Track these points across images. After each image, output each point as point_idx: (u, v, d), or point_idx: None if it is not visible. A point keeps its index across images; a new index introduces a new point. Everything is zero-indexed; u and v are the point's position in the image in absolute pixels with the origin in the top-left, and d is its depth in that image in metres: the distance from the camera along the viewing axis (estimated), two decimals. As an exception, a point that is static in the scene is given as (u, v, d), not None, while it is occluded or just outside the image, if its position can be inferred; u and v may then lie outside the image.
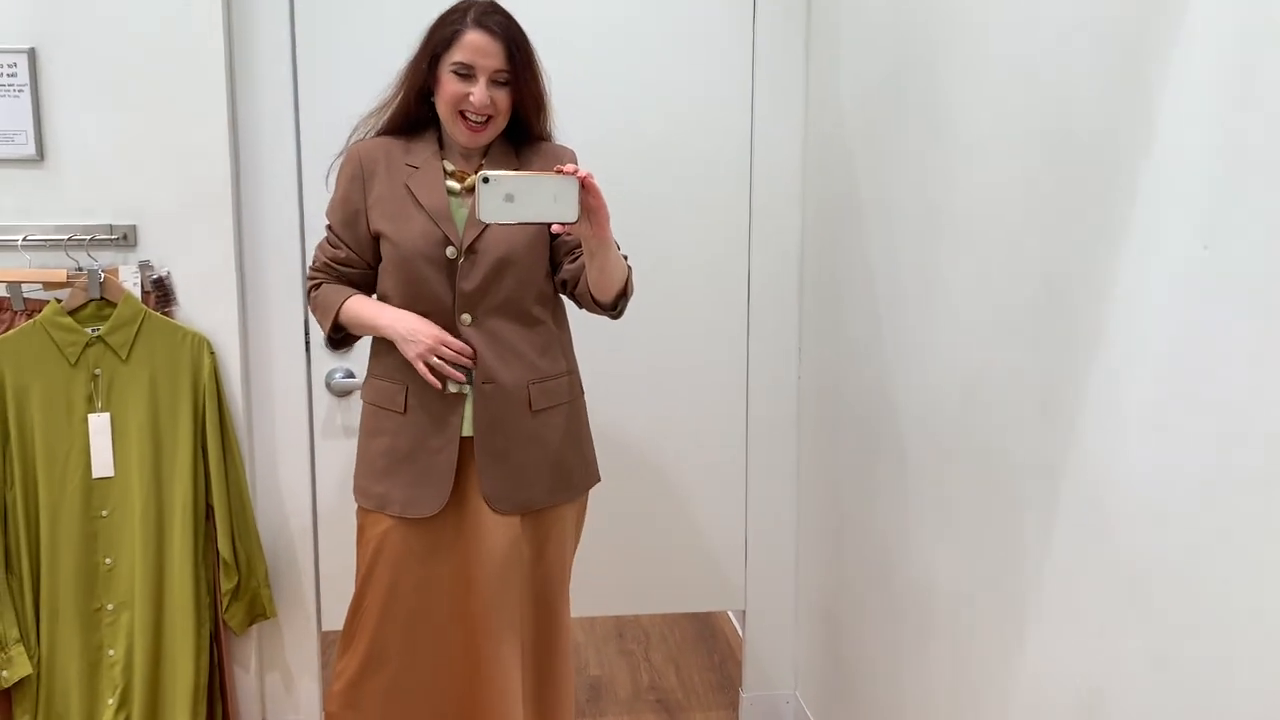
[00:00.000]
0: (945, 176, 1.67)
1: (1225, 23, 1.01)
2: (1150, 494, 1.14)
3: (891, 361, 1.91)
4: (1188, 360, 1.07)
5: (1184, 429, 1.08)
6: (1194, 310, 1.06)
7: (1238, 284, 0.99)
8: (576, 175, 1.56)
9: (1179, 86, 1.08)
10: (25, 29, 2.09)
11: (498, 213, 1.54)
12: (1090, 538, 1.27)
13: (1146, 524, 1.15)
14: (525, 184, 1.55)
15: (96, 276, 2.10)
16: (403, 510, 1.82)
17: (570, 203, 1.57)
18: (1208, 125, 1.03)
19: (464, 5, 1.78)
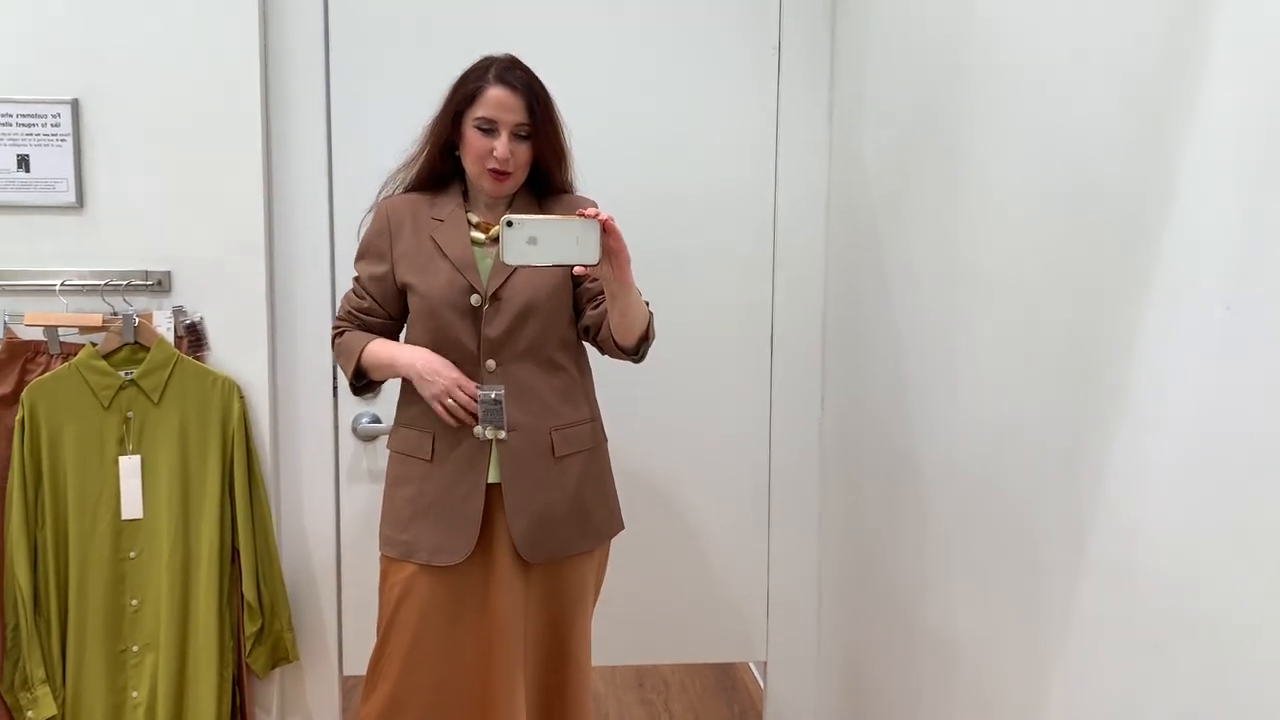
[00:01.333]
0: (967, 234, 1.68)
1: (1249, 86, 1.02)
2: (1176, 554, 1.14)
3: (915, 415, 1.92)
4: (1212, 420, 1.08)
5: (1210, 489, 1.08)
6: (1218, 370, 1.07)
7: (1260, 345, 1.00)
8: (598, 218, 1.60)
9: (1202, 148, 1.09)
10: (70, 80, 2.15)
11: (521, 255, 1.58)
12: (1115, 597, 1.26)
13: (1172, 585, 1.15)
14: (548, 227, 1.59)
15: (131, 321, 2.14)
16: (429, 558, 1.84)
17: (592, 245, 1.60)
18: (1230, 188, 1.05)
19: (485, 63, 1.84)
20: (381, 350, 1.87)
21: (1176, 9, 1.13)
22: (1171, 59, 1.14)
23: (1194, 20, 1.10)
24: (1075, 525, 1.35)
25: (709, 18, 2.38)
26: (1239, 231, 1.03)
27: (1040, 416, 1.45)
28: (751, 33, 2.39)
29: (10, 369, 2.11)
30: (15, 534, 2.07)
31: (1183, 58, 1.12)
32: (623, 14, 2.36)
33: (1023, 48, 1.49)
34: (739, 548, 2.54)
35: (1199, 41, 1.09)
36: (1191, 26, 1.10)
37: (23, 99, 2.13)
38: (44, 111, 2.14)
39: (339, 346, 1.95)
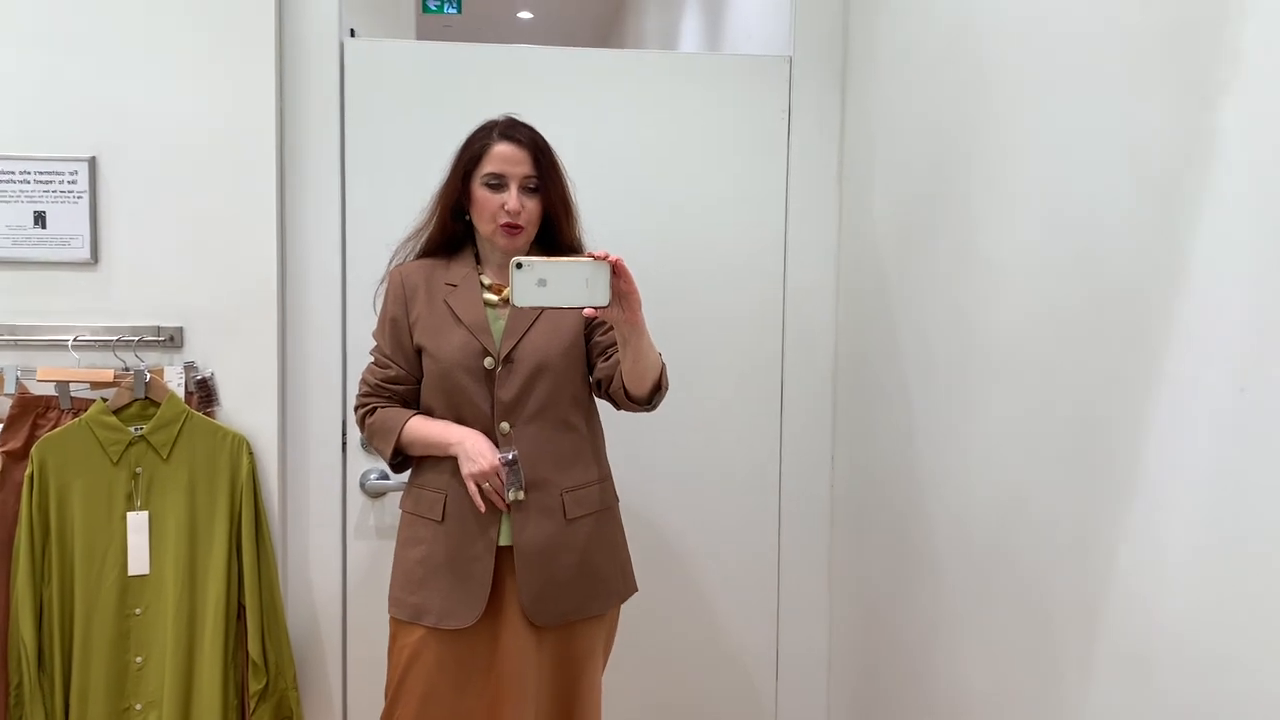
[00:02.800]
0: (977, 300, 1.69)
1: (1261, 168, 1.03)
2: (1191, 638, 1.13)
3: (925, 479, 1.91)
4: (1227, 502, 1.07)
5: (1224, 572, 1.07)
6: (1232, 452, 1.06)
7: (1274, 427, 1.00)
8: (608, 260, 1.60)
9: (1213, 229, 1.10)
10: (88, 138, 2.17)
11: (531, 297, 1.58)
12: (1131, 678, 1.25)
13: (1186, 668, 1.14)
14: (558, 269, 1.59)
15: (142, 377, 2.14)
16: (438, 621, 1.83)
17: (602, 287, 1.60)
18: (1243, 269, 1.05)
19: (489, 124, 1.88)
20: (429, 430, 1.86)
21: (1189, 91, 1.14)
22: (1184, 140, 1.15)
23: (1206, 102, 1.11)
24: (1087, 601, 1.34)
25: (720, 81, 2.41)
26: (1252, 313, 1.04)
27: (1051, 490, 1.44)
28: (762, 96, 2.42)
29: (21, 424, 2.11)
30: (21, 590, 2.06)
31: (1195, 139, 1.13)
32: (634, 77, 2.39)
33: (1034, 121, 1.50)
34: (748, 606, 2.52)
35: (1211, 123, 1.10)
36: (1204, 108, 1.11)
37: (41, 156, 2.15)
38: (62, 169, 2.16)
39: (372, 426, 1.92)
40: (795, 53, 2.41)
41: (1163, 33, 1.19)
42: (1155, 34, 1.20)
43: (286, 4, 2.25)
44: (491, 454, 1.79)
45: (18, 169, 2.15)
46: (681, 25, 4.92)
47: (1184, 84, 1.15)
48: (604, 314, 1.64)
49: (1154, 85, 1.21)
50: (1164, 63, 1.19)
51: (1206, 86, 1.10)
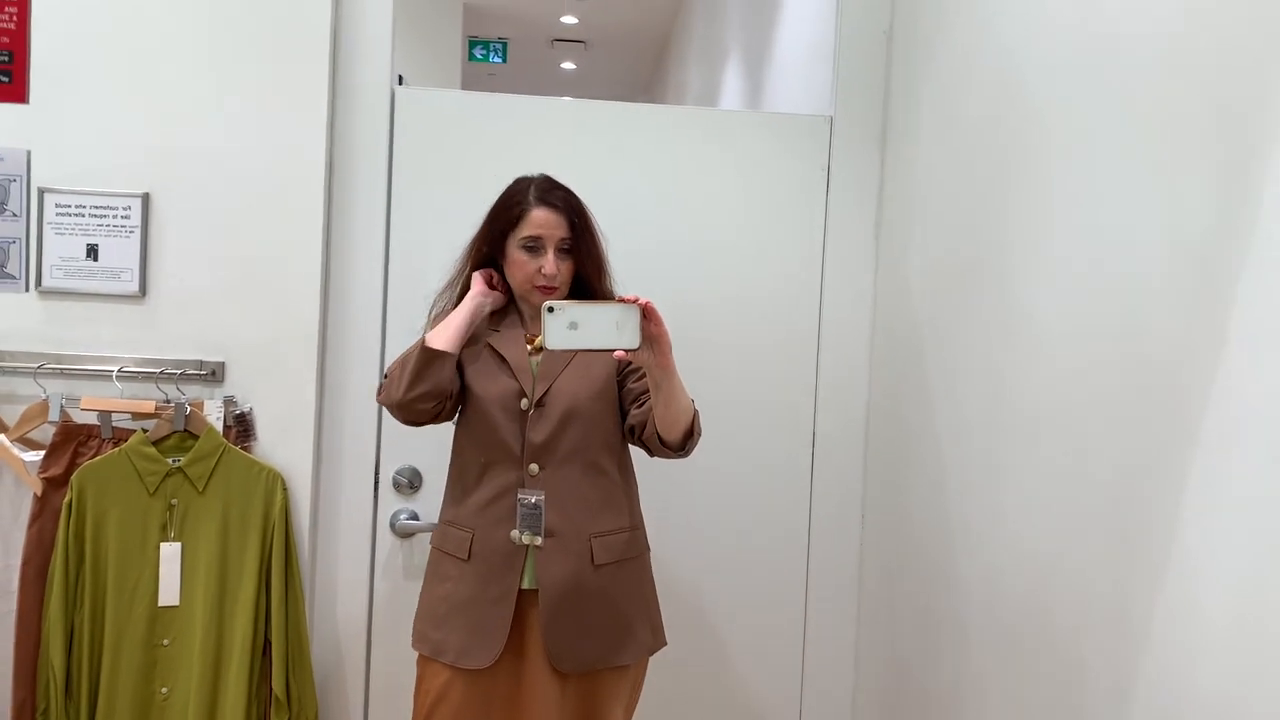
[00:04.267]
0: (1013, 362, 1.69)
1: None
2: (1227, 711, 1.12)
3: (957, 540, 1.90)
4: (1265, 573, 1.06)
5: (1262, 644, 1.06)
6: (1270, 522, 1.06)
7: (1313, 504, 1.00)
8: (638, 303, 1.63)
9: (1252, 299, 1.10)
10: (142, 176, 2.23)
11: (563, 340, 1.61)
12: (1161, 748, 1.23)
13: (1220, 741, 1.12)
14: (588, 312, 1.62)
15: (183, 409, 2.18)
16: (456, 659, 1.84)
17: (632, 330, 1.62)
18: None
19: (524, 184, 1.93)
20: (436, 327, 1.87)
21: (1232, 165, 1.15)
22: (1225, 212, 1.16)
23: (1246, 170, 1.12)
24: (1120, 670, 1.33)
25: (760, 138, 2.44)
26: (1292, 388, 1.04)
27: (1086, 556, 1.43)
28: (802, 154, 2.44)
29: (63, 451, 2.15)
30: (54, 616, 2.09)
31: (1236, 211, 1.14)
32: (675, 132, 2.43)
33: (1074, 184, 1.51)
34: (772, 669, 2.50)
35: (1252, 193, 1.11)
36: (1244, 176, 1.12)
37: (97, 191, 2.21)
38: (116, 204, 2.22)
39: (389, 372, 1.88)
40: (836, 112, 2.45)
41: (1206, 108, 1.20)
42: (1199, 108, 1.22)
43: (341, 52, 2.31)
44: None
45: (74, 203, 2.21)
46: (723, 81, 4.99)
47: (1226, 158, 1.16)
48: (634, 357, 1.67)
49: (1196, 158, 1.22)
50: (1207, 136, 1.20)
51: (1249, 161, 1.11)
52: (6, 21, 2.18)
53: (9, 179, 2.20)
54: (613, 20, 6.98)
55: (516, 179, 1.95)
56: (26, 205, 2.21)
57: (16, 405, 2.19)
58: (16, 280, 2.22)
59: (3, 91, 2.19)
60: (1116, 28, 1.41)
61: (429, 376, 1.80)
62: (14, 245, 2.21)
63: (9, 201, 2.20)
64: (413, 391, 1.81)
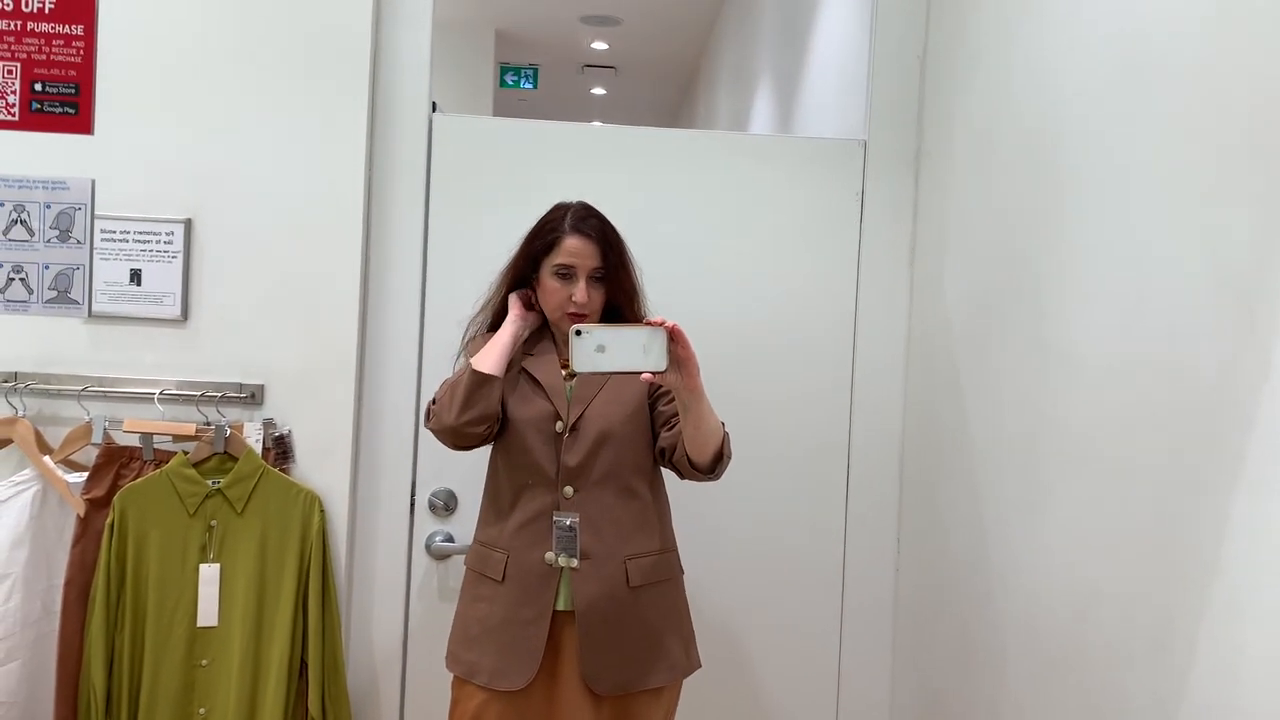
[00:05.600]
0: (1051, 393, 1.68)
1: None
2: (1272, 740, 1.10)
3: (993, 571, 1.89)
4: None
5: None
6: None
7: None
8: (664, 326, 1.64)
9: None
10: (185, 201, 2.27)
11: (591, 363, 1.63)
12: (1207, 777, 1.22)
13: (1269, 771, 1.11)
14: (616, 335, 1.64)
15: (223, 432, 2.21)
16: (490, 680, 1.85)
17: (659, 352, 1.64)
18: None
19: (561, 211, 1.94)
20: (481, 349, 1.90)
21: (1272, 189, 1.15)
22: (1265, 239, 1.15)
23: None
24: (1164, 702, 1.31)
25: (793, 163, 2.45)
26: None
27: (1128, 589, 1.42)
28: (835, 179, 2.45)
29: (106, 473, 2.18)
30: (95, 636, 2.11)
31: (1276, 238, 1.13)
32: (707, 157, 2.45)
33: (1113, 218, 1.51)
34: (806, 694, 2.48)
35: (1294, 223, 1.10)
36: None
37: (141, 217, 2.25)
38: (159, 230, 2.26)
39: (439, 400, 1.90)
40: (870, 137, 2.45)
41: (1245, 135, 1.20)
42: (1237, 136, 1.21)
43: (380, 78, 2.34)
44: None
45: (118, 228, 2.25)
46: (753, 107, 5.01)
47: (1267, 184, 1.15)
48: (662, 379, 1.68)
49: (1237, 191, 1.21)
50: (1247, 169, 1.19)
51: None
52: (74, 55, 2.24)
53: (74, 207, 2.25)
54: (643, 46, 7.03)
55: (555, 205, 1.97)
56: (90, 234, 2.25)
57: (61, 428, 2.23)
58: (79, 305, 2.26)
59: (69, 123, 2.25)
60: (1154, 51, 1.41)
61: (479, 400, 1.83)
62: (78, 272, 2.26)
63: (74, 229, 2.25)
64: (465, 415, 1.83)
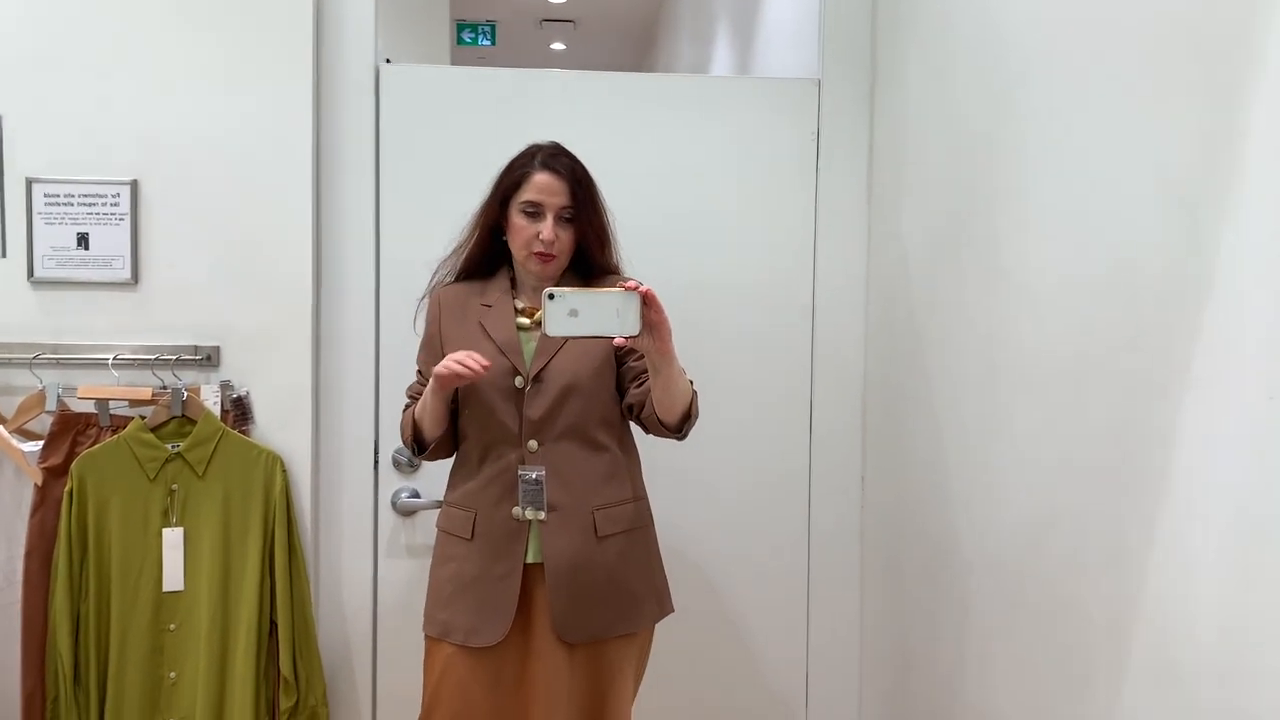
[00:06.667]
0: (1004, 316, 1.69)
1: (1283, 181, 1.03)
2: (1220, 648, 1.12)
3: (957, 500, 1.90)
4: (1255, 511, 1.06)
5: (1254, 581, 1.06)
6: (1260, 460, 1.06)
7: (1305, 437, 0.99)
8: (638, 290, 1.62)
9: (1239, 236, 1.10)
10: (130, 162, 2.22)
11: (563, 326, 1.61)
12: (1160, 689, 1.24)
13: (1218, 678, 1.12)
14: (589, 299, 1.62)
15: (179, 395, 2.18)
16: (465, 639, 1.85)
17: (632, 317, 1.62)
18: (1269, 276, 1.05)
19: (531, 150, 1.91)
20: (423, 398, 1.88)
21: (1213, 98, 1.14)
22: (1208, 148, 1.15)
23: (1230, 106, 1.11)
24: (1117, 614, 1.33)
25: (748, 105, 2.43)
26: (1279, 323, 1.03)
27: (1082, 506, 1.43)
28: (791, 119, 2.43)
29: (62, 441, 2.15)
30: (59, 604, 2.10)
31: (1218, 144, 1.13)
32: (663, 101, 2.42)
33: (1060, 135, 1.51)
34: (778, 632, 2.51)
35: (1235, 128, 1.10)
36: (1227, 112, 1.11)
37: (85, 179, 2.21)
38: (105, 191, 2.21)
39: (402, 426, 1.97)
40: (823, 75, 2.43)
41: (1186, 41, 1.19)
42: (1178, 43, 1.21)
43: (324, 32, 2.30)
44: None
45: (63, 192, 2.21)
46: (713, 55, 4.96)
47: (1207, 91, 1.15)
48: (634, 343, 1.67)
49: (1178, 94, 1.21)
50: (1187, 71, 1.19)
51: (1230, 93, 1.11)
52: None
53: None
54: (601, -2, 6.95)
55: (528, 144, 1.93)
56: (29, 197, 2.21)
57: (14, 396, 2.19)
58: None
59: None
60: (1099, -29, 1.39)
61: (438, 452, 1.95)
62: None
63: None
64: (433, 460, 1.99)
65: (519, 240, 1.88)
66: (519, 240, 1.88)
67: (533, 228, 1.86)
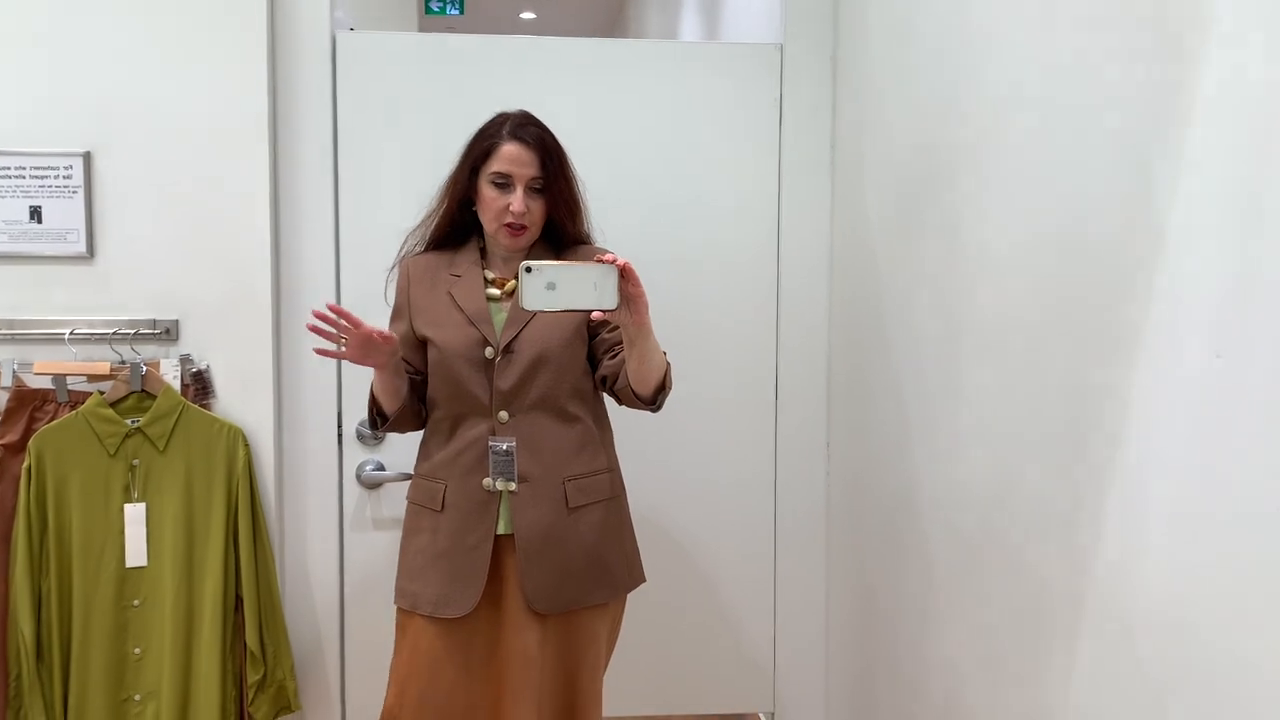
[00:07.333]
0: (961, 287, 1.69)
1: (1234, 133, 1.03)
2: (1172, 603, 1.13)
3: (919, 465, 1.91)
4: (1205, 468, 1.07)
5: (1202, 538, 1.07)
6: (1210, 417, 1.06)
7: (1250, 392, 1.00)
8: (615, 263, 1.61)
9: (1188, 196, 1.10)
10: (82, 133, 2.19)
11: (540, 301, 1.59)
12: (1114, 645, 1.25)
13: (1168, 635, 1.14)
14: (566, 273, 1.60)
15: (138, 370, 2.16)
16: (434, 610, 1.84)
17: (610, 290, 1.60)
18: (1217, 235, 1.05)
19: (500, 119, 1.88)
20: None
21: (1164, 64, 1.14)
22: (1158, 112, 1.15)
23: (1180, 74, 1.11)
24: (1072, 576, 1.34)
25: (711, 71, 2.41)
26: (1228, 278, 1.03)
27: (1040, 463, 1.44)
28: (753, 85, 2.42)
29: (18, 417, 2.13)
30: (19, 582, 2.08)
31: (1169, 111, 1.13)
32: (626, 67, 2.40)
33: (1017, 100, 1.50)
34: (746, 597, 2.52)
35: (1186, 95, 1.10)
36: (1177, 80, 1.11)
37: (36, 151, 2.17)
38: (56, 163, 2.17)
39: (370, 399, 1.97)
40: (786, 40, 2.42)
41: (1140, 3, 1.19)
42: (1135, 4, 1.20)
43: None
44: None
45: (13, 164, 2.17)
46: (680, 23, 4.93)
47: (1156, 47, 1.15)
48: (612, 317, 1.65)
49: (1130, 52, 1.21)
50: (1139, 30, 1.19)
51: (1179, 47, 1.11)
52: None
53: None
54: (570, -35, 6.86)
55: (497, 113, 1.90)
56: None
57: (-32, 373, 2.16)
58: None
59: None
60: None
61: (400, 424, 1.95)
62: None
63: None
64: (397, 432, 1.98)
65: (489, 212, 1.86)
66: (489, 212, 1.86)
67: (503, 199, 1.84)
